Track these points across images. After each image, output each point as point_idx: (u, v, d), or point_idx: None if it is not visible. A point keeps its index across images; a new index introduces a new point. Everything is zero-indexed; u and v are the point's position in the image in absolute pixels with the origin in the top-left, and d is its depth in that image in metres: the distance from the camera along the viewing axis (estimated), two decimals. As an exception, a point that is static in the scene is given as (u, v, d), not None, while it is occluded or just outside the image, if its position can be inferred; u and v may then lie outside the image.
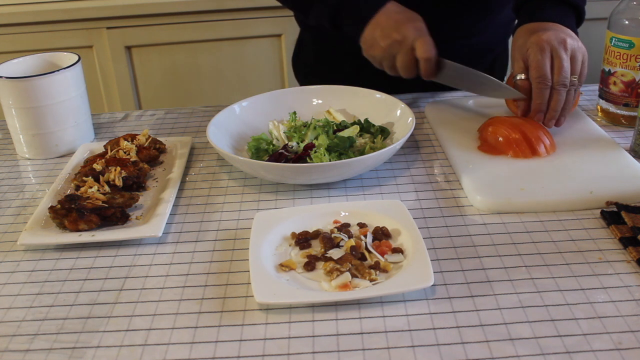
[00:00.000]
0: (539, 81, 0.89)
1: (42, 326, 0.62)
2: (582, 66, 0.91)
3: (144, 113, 1.14)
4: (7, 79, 0.93)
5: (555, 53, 0.88)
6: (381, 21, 0.96)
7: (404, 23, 0.95)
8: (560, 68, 0.88)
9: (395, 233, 0.72)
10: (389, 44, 0.95)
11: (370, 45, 0.98)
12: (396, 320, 0.61)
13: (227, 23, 2.00)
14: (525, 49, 0.91)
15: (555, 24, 0.93)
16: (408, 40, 0.94)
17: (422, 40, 0.94)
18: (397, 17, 0.96)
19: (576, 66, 0.90)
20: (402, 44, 0.94)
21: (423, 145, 0.96)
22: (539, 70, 0.88)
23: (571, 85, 0.90)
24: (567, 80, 0.89)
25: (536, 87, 0.89)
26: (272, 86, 2.08)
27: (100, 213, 0.76)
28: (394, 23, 0.95)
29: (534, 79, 0.89)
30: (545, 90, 0.89)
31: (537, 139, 0.87)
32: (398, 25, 0.95)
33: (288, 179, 0.84)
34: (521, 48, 0.92)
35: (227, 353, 0.58)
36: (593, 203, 0.77)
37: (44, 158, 0.99)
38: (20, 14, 1.93)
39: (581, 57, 0.90)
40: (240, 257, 0.71)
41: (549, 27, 0.92)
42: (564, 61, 0.88)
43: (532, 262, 0.68)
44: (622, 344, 0.57)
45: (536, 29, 0.92)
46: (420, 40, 0.94)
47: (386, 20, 0.96)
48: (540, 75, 0.88)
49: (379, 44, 0.96)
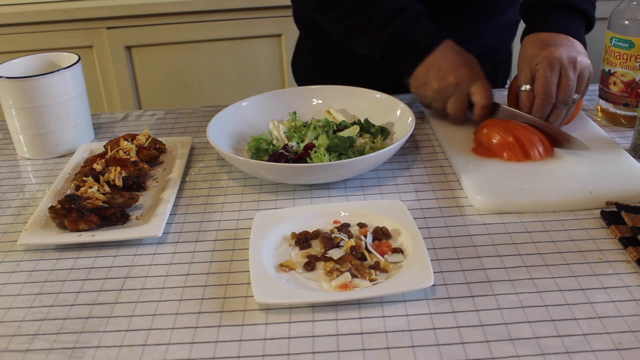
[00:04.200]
0: (544, 97, 0.88)
1: (42, 326, 0.62)
2: (586, 84, 0.90)
3: (144, 113, 1.14)
4: (7, 79, 0.93)
5: (564, 72, 0.88)
6: (437, 61, 0.93)
7: (461, 66, 0.93)
8: (565, 88, 0.88)
9: (395, 233, 0.72)
10: (443, 86, 0.93)
11: (422, 84, 0.96)
12: (396, 320, 0.61)
13: (227, 23, 2.00)
14: (535, 63, 0.89)
15: (567, 37, 0.91)
16: (464, 84, 0.93)
17: (481, 86, 0.93)
18: (454, 57, 0.93)
19: (581, 85, 0.90)
20: (458, 87, 0.93)
21: (423, 145, 0.96)
22: (545, 87, 0.88)
23: (572, 102, 0.90)
24: (570, 100, 0.89)
25: (539, 101, 0.89)
26: (272, 86, 2.08)
27: (100, 213, 0.76)
28: (451, 64, 0.93)
29: (539, 94, 0.89)
30: (547, 107, 0.89)
31: (531, 143, 0.86)
32: (455, 68, 0.93)
33: (288, 179, 0.84)
34: (530, 60, 0.91)
35: (227, 353, 0.58)
36: (593, 203, 0.77)
37: (44, 158, 0.99)
38: (20, 14, 1.93)
39: (587, 75, 0.90)
40: (240, 257, 0.71)
41: (561, 41, 0.90)
42: (571, 81, 0.88)
43: (532, 262, 0.68)
44: (622, 344, 0.57)
45: (547, 42, 0.90)
46: (478, 86, 0.92)
47: (442, 61, 0.93)
48: (546, 92, 0.88)
49: (432, 84, 0.94)
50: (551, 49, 0.89)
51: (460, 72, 0.93)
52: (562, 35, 0.91)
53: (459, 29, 1.08)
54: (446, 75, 0.93)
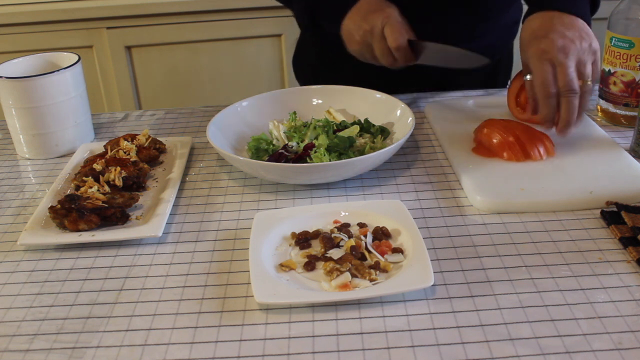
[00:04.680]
0: (541, 89, 0.84)
1: (42, 326, 0.62)
2: (593, 67, 0.86)
3: (144, 113, 1.14)
4: (7, 79, 0.93)
5: (557, 61, 0.83)
6: (352, 14, 0.96)
7: (372, 12, 0.94)
8: (562, 75, 0.83)
9: (395, 233, 0.72)
10: (361, 35, 0.95)
11: (348, 40, 0.98)
12: (396, 320, 0.61)
13: (227, 23, 2.00)
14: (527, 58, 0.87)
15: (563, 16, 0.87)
16: (377, 28, 0.93)
17: (390, 28, 0.92)
18: (367, 7, 0.95)
19: (584, 69, 0.84)
20: (373, 33, 0.94)
21: (423, 145, 0.96)
22: (539, 78, 0.84)
23: (585, 90, 0.84)
24: (574, 85, 0.83)
25: (540, 97, 0.84)
26: (272, 86, 2.08)
27: (100, 213, 0.76)
28: (364, 13, 0.95)
29: (538, 91, 0.85)
30: (549, 99, 0.84)
31: (531, 143, 0.86)
32: (366, 15, 0.94)
33: (288, 179, 0.84)
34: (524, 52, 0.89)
35: (227, 353, 0.58)
36: (593, 203, 0.77)
37: (44, 158, 0.99)
38: (20, 14, 1.93)
39: (591, 57, 0.85)
40: (240, 257, 0.71)
41: (553, 27, 0.86)
42: (567, 68, 0.82)
43: (532, 262, 0.68)
44: (622, 344, 0.57)
45: (538, 33, 0.87)
46: (388, 28, 0.92)
47: (357, 13, 0.96)
48: (541, 82, 0.84)
49: (354, 37, 0.96)
50: (539, 42, 0.86)
51: (371, 17, 0.93)
52: (558, 14, 0.88)
53: (458, 29, 1.08)
54: (361, 24, 0.94)
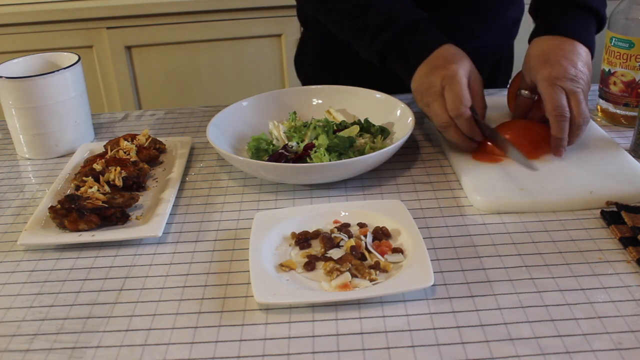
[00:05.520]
0: (556, 114, 0.83)
1: (42, 326, 0.62)
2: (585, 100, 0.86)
3: (144, 113, 1.14)
4: (7, 79, 0.93)
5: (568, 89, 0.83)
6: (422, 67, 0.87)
7: (437, 67, 0.85)
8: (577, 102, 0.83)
9: (395, 233, 0.72)
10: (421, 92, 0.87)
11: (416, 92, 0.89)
12: (396, 320, 0.61)
13: (227, 23, 2.00)
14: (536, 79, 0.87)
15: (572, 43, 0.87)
16: (435, 89, 0.84)
17: (449, 93, 0.83)
18: (436, 61, 0.86)
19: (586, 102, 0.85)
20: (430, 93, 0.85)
21: (423, 145, 0.96)
22: (553, 102, 0.83)
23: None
24: (587, 114, 0.84)
25: (555, 121, 0.83)
26: (272, 86, 2.08)
27: (100, 213, 0.76)
28: (430, 68, 0.85)
29: (551, 115, 0.83)
30: (564, 123, 0.83)
31: (532, 143, 0.86)
32: (431, 70, 0.85)
33: (288, 179, 0.84)
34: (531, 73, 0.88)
35: (227, 353, 0.58)
36: (593, 203, 0.77)
37: (44, 158, 0.99)
38: (20, 14, 1.93)
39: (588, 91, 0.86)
40: (240, 257, 0.71)
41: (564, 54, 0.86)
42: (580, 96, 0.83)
43: (532, 262, 0.68)
44: (622, 344, 0.57)
45: (548, 58, 0.86)
46: (447, 92, 0.83)
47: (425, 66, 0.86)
48: (556, 107, 0.83)
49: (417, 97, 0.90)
50: (552, 67, 0.85)
51: (433, 75, 0.85)
52: (568, 41, 0.88)
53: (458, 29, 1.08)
54: (424, 80, 0.86)
